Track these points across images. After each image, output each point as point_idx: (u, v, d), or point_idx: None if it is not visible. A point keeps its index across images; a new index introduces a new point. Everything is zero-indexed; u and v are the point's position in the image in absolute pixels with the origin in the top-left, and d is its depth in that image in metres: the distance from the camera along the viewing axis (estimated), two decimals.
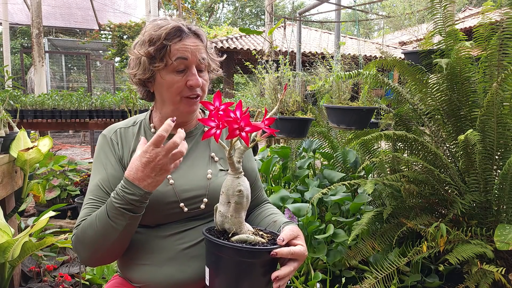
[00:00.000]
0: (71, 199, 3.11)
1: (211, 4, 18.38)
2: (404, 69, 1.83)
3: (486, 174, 1.61)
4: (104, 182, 0.97)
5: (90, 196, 0.97)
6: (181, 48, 0.95)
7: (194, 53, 0.96)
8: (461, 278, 1.52)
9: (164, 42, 0.94)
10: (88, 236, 0.88)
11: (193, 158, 1.05)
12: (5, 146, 1.78)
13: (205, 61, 1.00)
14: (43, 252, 2.01)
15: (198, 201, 1.00)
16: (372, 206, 2.12)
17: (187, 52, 0.96)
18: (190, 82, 0.96)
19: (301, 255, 0.85)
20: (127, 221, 0.85)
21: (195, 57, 0.97)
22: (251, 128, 0.74)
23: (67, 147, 9.25)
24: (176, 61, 0.95)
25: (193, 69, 0.97)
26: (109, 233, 0.86)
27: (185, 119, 1.06)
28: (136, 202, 0.84)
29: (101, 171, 0.99)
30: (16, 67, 14.44)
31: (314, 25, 13.11)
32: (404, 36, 8.62)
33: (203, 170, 1.04)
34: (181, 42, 0.95)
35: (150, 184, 0.84)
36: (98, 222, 0.87)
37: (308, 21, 7.81)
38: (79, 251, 0.92)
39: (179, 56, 0.95)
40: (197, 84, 0.97)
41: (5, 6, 7.47)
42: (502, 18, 1.55)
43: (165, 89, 0.99)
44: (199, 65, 0.99)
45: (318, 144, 2.56)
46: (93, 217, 0.89)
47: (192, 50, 0.96)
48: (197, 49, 0.97)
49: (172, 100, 0.99)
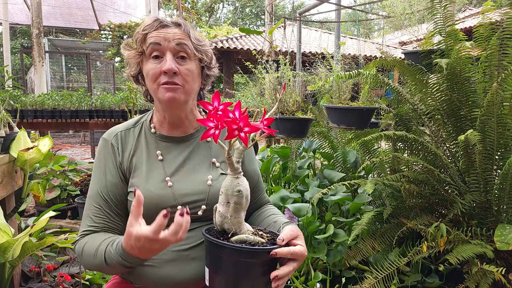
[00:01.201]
0: (71, 199, 3.11)
1: (211, 4, 18.38)
2: (404, 69, 1.83)
3: (486, 174, 1.61)
4: (103, 190, 0.99)
5: (92, 202, 0.99)
6: (155, 34, 0.97)
7: (168, 39, 0.96)
8: (461, 278, 1.52)
9: (142, 32, 0.98)
10: (88, 260, 0.93)
11: (193, 162, 1.04)
12: (5, 146, 1.78)
13: (185, 48, 0.97)
14: (43, 252, 2.00)
15: (197, 206, 0.99)
16: (372, 206, 2.13)
17: (160, 37, 0.96)
18: (162, 67, 0.95)
19: (300, 255, 0.84)
20: (124, 270, 0.90)
21: (169, 42, 0.96)
22: (250, 129, 0.74)
23: (67, 147, 9.26)
24: (149, 46, 0.96)
25: (168, 55, 0.96)
26: (106, 271, 0.92)
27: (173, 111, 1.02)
28: (133, 265, 0.87)
29: (100, 177, 1.00)
30: (16, 67, 14.44)
31: (314, 25, 13.11)
32: (404, 36, 8.61)
33: (203, 175, 1.02)
34: (157, 31, 0.97)
35: (147, 255, 0.82)
36: (97, 259, 0.90)
37: (308, 21, 7.81)
38: (80, 261, 0.97)
39: (151, 41, 0.96)
40: (169, 69, 0.94)
41: (5, 6, 7.47)
42: (502, 18, 1.55)
43: (147, 80, 1.00)
44: (177, 52, 0.97)
45: (318, 144, 2.56)
46: (93, 250, 0.91)
47: (166, 37, 0.96)
48: (174, 36, 0.97)
49: (152, 90, 0.99)
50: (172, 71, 0.95)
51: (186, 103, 1.01)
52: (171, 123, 1.06)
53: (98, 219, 0.97)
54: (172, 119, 1.04)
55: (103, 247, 0.89)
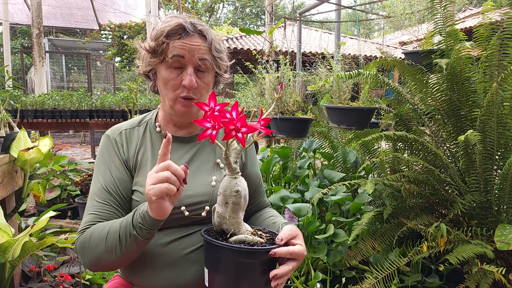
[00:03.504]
0: (71, 199, 3.11)
1: (211, 4, 18.38)
2: (404, 69, 1.83)
3: (486, 174, 1.60)
4: (108, 184, 0.96)
5: (95, 198, 0.95)
6: (179, 46, 0.94)
7: (192, 52, 0.94)
8: (461, 278, 1.52)
9: (164, 39, 0.94)
10: (94, 245, 0.87)
11: (198, 163, 1.04)
12: (6, 146, 1.78)
13: (206, 63, 0.97)
14: (43, 252, 2.00)
15: (200, 208, 0.98)
16: (372, 206, 2.12)
17: (184, 50, 0.94)
18: (183, 82, 0.95)
19: (300, 254, 0.84)
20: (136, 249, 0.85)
21: (193, 56, 0.94)
22: (247, 129, 0.74)
23: (68, 147, 9.26)
24: (172, 58, 0.94)
25: (189, 69, 0.95)
26: (116, 250, 0.85)
27: (183, 119, 1.04)
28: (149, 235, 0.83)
29: (105, 172, 0.98)
30: (16, 67, 14.45)
31: (314, 25, 13.11)
32: (404, 36, 8.61)
33: (207, 176, 1.02)
34: (180, 40, 0.94)
35: (154, 210, 0.79)
36: (110, 239, 0.85)
37: (308, 21, 7.80)
38: (82, 256, 0.91)
39: (175, 53, 0.94)
40: (190, 85, 0.94)
41: (5, 6, 7.47)
42: (502, 18, 1.55)
43: (162, 84, 0.99)
44: (198, 66, 0.96)
45: (318, 144, 2.56)
46: (105, 231, 0.87)
47: (190, 49, 0.94)
48: (198, 49, 0.95)
49: (169, 97, 0.98)
50: (193, 88, 0.95)
51: (197, 112, 1.03)
52: (177, 125, 1.06)
53: (104, 214, 0.93)
54: (179, 122, 1.05)
55: (117, 224, 0.86)
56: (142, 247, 0.87)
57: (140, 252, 0.88)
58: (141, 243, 0.84)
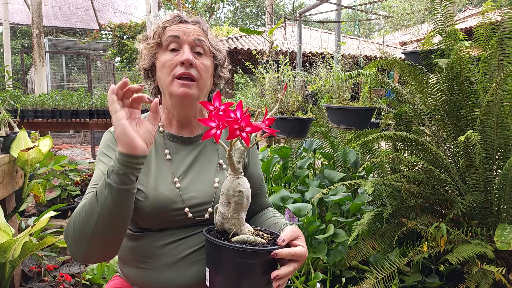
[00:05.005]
0: (72, 199, 3.11)
1: (211, 4, 18.38)
2: (405, 69, 1.83)
3: (486, 174, 1.61)
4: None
5: (93, 184, 0.92)
6: (175, 28, 0.99)
7: (188, 33, 0.98)
8: (461, 278, 1.52)
9: (161, 25, 1.00)
10: (75, 218, 0.82)
11: (201, 163, 1.03)
12: (6, 146, 1.78)
13: (202, 44, 0.99)
14: (43, 252, 2.01)
15: (203, 209, 0.98)
16: (373, 206, 2.13)
17: (179, 31, 0.98)
18: (180, 58, 0.96)
19: (301, 255, 0.84)
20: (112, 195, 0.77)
21: (188, 36, 0.98)
22: (251, 129, 0.74)
23: (68, 147, 9.26)
24: (168, 39, 0.98)
25: (185, 47, 0.97)
26: (93, 215, 0.78)
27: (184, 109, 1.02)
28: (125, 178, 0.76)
29: (106, 160, 0.96)
30: (16, 67, 14.45)
31: (315, 25, 13.11)
32: (404, 36, 8.61)
33: (210, 177, 1.02)
34: (176, 25, 1.00)
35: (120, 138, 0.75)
36: (87, 204, 0.80)
37: (308, 21, 7.81)
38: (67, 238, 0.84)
39: (170, 34, 0.98)
40: (186, 59, 0.95)
41: (5, 6, 7.47)
42: (502, 18, 1.55)
43: (160, 72, 0.99)
44: (194, 46, 0.99)
45: (318, 144, 2.57)
46: (83, 203, 0.82)
47: (186, 31, 0.98)
48: (193, 31, 0.99)
49: (166, 83, 0.98)
50: (189, 62, 0.96)
51: (197, 99, 1.00)
52: (179, 122, 1.05)
53: None
54: (181, 117, 1.04)
55: (93, 193, 0.80)
56: (120, 208, 0.78)
57: (119, 217, 0.79)
58: (116, 197, 0.76)
